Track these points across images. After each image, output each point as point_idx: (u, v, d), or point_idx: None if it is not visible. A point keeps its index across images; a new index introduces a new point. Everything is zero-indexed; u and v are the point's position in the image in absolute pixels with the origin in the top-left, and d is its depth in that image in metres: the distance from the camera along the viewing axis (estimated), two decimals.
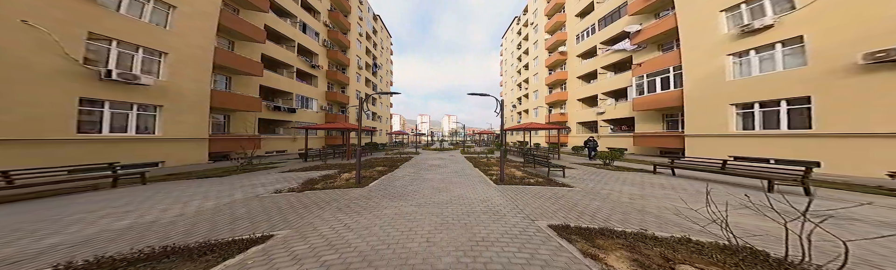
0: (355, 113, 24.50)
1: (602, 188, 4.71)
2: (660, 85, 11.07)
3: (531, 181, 5.54)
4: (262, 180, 5.42)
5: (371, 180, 5.59)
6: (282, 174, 6.23)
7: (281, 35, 14.98)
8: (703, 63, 9.09)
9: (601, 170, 7.10)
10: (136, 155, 6.84)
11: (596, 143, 10.46)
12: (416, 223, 2.75)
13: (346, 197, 3.89)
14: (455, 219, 2.88)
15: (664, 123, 11.76)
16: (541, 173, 6.66)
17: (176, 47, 7.87)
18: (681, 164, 5.99)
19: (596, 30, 17.41)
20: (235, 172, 6.50)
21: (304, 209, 3.20)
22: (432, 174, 6.53)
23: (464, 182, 5.38)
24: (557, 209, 3.31)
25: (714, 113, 8.68)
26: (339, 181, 5.22)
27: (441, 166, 8.46)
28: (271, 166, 8.17)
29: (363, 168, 7.52)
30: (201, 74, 8.75)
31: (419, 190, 4.58)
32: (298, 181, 5.18)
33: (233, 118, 11.02)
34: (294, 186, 4.73)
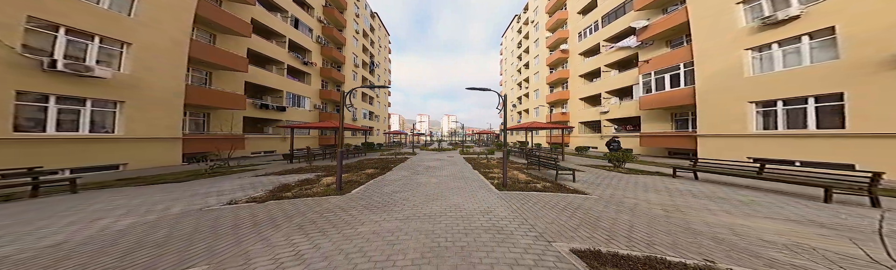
0: (350, 112, 23.75)
1: (623, 195, 4.04)
2: (669, 82, 10.49)
3: (538, 185, 4.87)
4: (226, 186, 4.68)
5: (355, 185, 4.88)
6: (254, 179, 5.48)
7: (270, 30, 14.23)
8: (717, 59, 8.51)
9: (612, 173, 6.45)
10: (89, 157, 6.04)
11: (619, 144, 9.12)
12: (398, 246, 2.06)
13: (317, 209, 3.18)
14: (449, 240, 2.21)
15: (673, 122, 11.18)
16: (547, 176, 5.99)
17: (142, 38, 7.10)
18: (705, 167, 5.35)
19: (599, 27, 16.88)
20: (203, 175, 5.73)
21: (253, 228, 2.48)
22: (427, 178, 5.84)
23: (462, 188, 4.70)
24: (578, 225, 2.63)
25: (730, 111, 8.09)
26: (318, 187, 4.50)
27: (438, 168, 7.78)
28: (249, 168, 7.40)
29: (352, 171, 6.80)
30: (174, 68, 7.97)
31: (409, 198, 3.89)
32: (268, 188, 4.45)
33: (213, 117, 10.23)
34: (259, 194, 4.00)
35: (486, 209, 3.27)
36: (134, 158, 6.88)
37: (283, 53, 15.07)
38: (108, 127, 6.55)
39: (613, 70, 16.08)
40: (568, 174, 5.58)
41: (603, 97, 16.14)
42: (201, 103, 9.11)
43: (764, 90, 7.31)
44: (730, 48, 8.16)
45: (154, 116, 7.35)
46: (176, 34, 8.07)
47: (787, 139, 6.88)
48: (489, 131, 33.14)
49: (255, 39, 12.80)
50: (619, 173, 6.49)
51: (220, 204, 3.38)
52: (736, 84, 7.96)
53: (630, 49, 13.72)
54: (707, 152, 8.76)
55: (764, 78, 7.33)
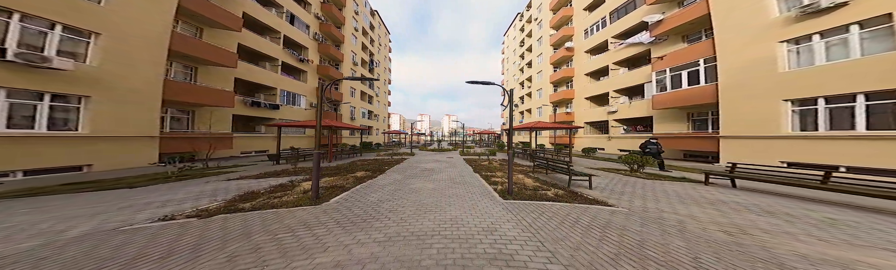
0: (349, 111, 23.17)
1: (657, 208, 3.32)
2: (686, 80, 9.73)
3: (548, 193, 4.18)
4: (182, 193, 3.99)
5: (338, 191, 4.20)
6: (223, 183, 4.80)
7: (264, 25, 13.67)
8: (745, 53, 7.75)
9: (631, 178, 5.72)
10: (46, 158, 5.43)
11: (659, 147, 7.22)
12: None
13: (274, 227, 2.50)
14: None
15: (690, 122, 10.40)
16: (558, 181, 5.28)
17: (113, 28, 6.48)
18: (747, 173, 4.58)
19: (607, 23, 16.15)
20: (169, 179, 5.07)
21: (158, 262, 1.75)
22: (422, 183, 5.17)
23: (461, 195, 4.03)
24: (616, 255, 1.93)
25: (760, 111, 7.33)
26: (291, 195, 3.83)
27: (436, 170, 7.10)
28: (227, 170, 6.75)
29: (339, 174, 6.14)
30: (151, 62, 7.37)
31: (398, 209, 3.21)
32: (229, 196, 3.77)
33: (199, 114, 9.63)
34: (212, 204, 3.30)
35: (491, 225, 2.59)
36: (101, 158, 6.26)
37: (277, 49, 14.51)
38: (70, 125, 5.94)
39: (622, 68, 15.33)
40: (583, 181, 4.85)
41: (611, 96, 15.39)
42: (184, 99, 8.50)
43: (802, 87, 6.54)
44: (760, 41, 7.40)
45: (126, 112, 6.73)
46: (154, 25, 7.47)
47: (829, 142, 6.10)
48: (490, 131, 32.44)
49: (247, 34, 12.24)
50: (638, 178, 5.76)
51: (148, 221, 2.65)
52: (767, 80, 7.20)
53: (642, 45, 12.98)
54: (731, 155, 7.98)
55: (802, 73, 6.56)
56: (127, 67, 6.79)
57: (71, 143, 5.79)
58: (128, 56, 6.80)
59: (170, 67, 8.77)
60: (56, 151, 5.57)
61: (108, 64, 6.39)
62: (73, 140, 5.83)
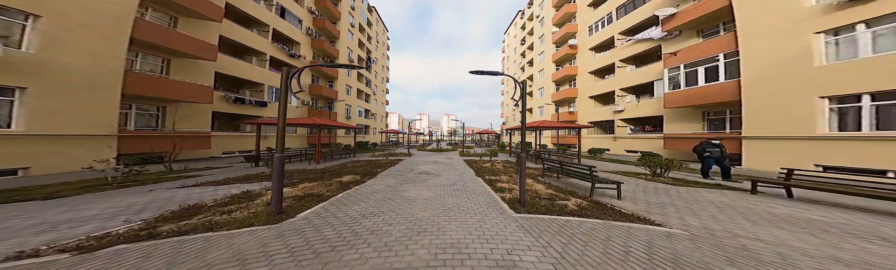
0: (344, 109, 22.28)
1: (725, 230, 2.54)
2: (703, 76, 9.07)
3: (568, 204, 3.45)
4: (102, 207, 3.11)
5: (311, 202, 3.42)
6: (169, 193, 3.94)
7: (250, 17, 12.79)
8: (773, 46, 7.08)
9: (657, 184, 4.99)
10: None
11: (723, 150, 5.67)
12: None
13: (189, 266, 1.69)
14: None
15: (705, 122, 9.75)
16: (574, 188, 4.55)
17: (57, 10, 5.58)
18: (807, 182, 3.80)
19: (613, 19, 15.51)
20: (107, 186, 4.21)
21: None
22: (418, 189, 4.42)
23: (464, 207, 3.30)
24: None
25: (791, 109, 6.66)
26: (248, 209, 3.03)
27: (434, 173, 6.35)
28: (193, 173, 5.90)
29: (324, 178, 5.35)
30: (108, 51, 6.47)
31: (383, 228, 2.48)
32: (161, 211, 2.92)
33: (171, 111, 8.74)
34: (124, 227, 2.43)
35: (507, 256, 1.88)
36: (40, 160, 5.37)
37: (265, 43, 13.62)
38: (1, 121, 5.05)
39: (629, 65, 14.69)
40: (609, 188, 4.10)
41: (617, 95, 14.75)
42: (153, 94, 7.63)
43: (842, 82, 5.87)
44: (792, 33, 6.73)
45: (74, 108, 5.84)
46: (111, 10, 6.57)
47: (874, 143, 5.45)
48: (490, 131, 31.74)
49: (231, 26, 11.35)
50: (665, 184, 5.04)
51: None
52: (800, 76, 6.53)
53: (651, 41, 12.33)
54: (755, 158, 7.33)
55: (843, 67, 5.89)
56: (76, 55, 5.89)
57: (2, 142, 4.90)
58: (77, 44, 5.91)
59: (135, 59, 7.87)
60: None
61: (50, 52, 5.50)
62: (4, 139, 4.94)
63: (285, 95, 2.92)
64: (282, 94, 2.90)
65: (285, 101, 2.92)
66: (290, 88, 2.94)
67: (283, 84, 2.91)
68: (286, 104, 2.93)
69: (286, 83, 2.92)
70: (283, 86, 2.91)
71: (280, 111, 2.89)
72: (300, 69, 3.00)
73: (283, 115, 2.90)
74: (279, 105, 2.90)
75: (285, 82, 2.92)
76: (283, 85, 2.91)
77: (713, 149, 5.72)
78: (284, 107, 2.90)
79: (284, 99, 2.91)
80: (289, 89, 2.93)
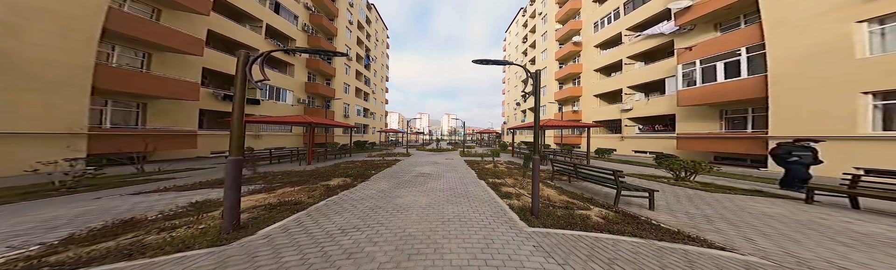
0: (342, 108, 21.76)
1: (821, 257, 1.96)
2: (722, 72, 8.46)
3: (591, 215, 2.90)
4: (22, 220, 2.55)
5: (284, 213, 2.87)
6: (117, 201, 3.35)
7: (242, 12, 12.27)
8: (806, 38, 6.46)
9: (685, 190, 4.40)
10: None
11: (815, 154, 4.43)
12: None
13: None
14: None
15: (723, 121, 9.14)
16: (592, 194, 3.97)
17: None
18: (873, 190, 3.15)
19: (621, 14, 14.91)
20: (53, 192, 3.65)
21: None
22: (413, 195, 3.88)
23: (467, 217, 2.79)
24: None
25: (827, 106, 6.05)
26: (198, 223, 2.46)
27: (433, 176, 5.82)
28: (164, 176, 5.34)
29: (309, 182, 4.80)
30: (75, 42, 5.93)
31: (364, 249, 1.98)
32: (85, 227, 2.33)
33: (152, 108, 8.20)
34: (15, 253, 1.82)
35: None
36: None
37: (258, 39, 13.09)
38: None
39: (638, 62, 14.09)
40: (636, 196, 3.51)
41: (625, 93, 14.15)
42: (130, 89, 7.09)
43: (889, 76, 5.26)
44: (828, 22, 6.11)
45: (30, 103, 5.28)
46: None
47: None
48: (490, 131, 31.17)
49: (221, 20, 10.82)
50: (694, 189, 4.44)
51: None
52: (839, 69, 5.91)
53: (662, 36, 11.73)
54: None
55: (890, 60, 5.28)
56: (34, 46, 5.34)
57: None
58: (36, 32, 5.36)
59: (112, 52, 7.33)
60: None
61: (10, 42, 4.95)
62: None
63: (242, 84, 2.35)
64: (237, 83, 2.34)
65: (242, 91, 2.36)
66: (249, 77, 2.37)
67: (240, 71, 2.34)
68: (243, 95, 2.37)
69: (244, 70, 2.35)
70: (239, 74, 2.34)
71: (235, 104, 2.33)
72: (262, 54, 2.43)
73: (239, 108, 2.33)
74: (234, 97, 2.33)
75: (243, 69, 2.36)
76: (239, 72, 2.34)
77: (803, 152, 4.27)
78: (241, 98, 2.34)
79: (240, 89, 2.35)
80: (247, 78, 2.36)
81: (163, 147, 7.74)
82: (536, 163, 2.98)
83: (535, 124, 3.07)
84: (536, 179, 2.95)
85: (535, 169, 2.96)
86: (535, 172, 2.95)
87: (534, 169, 2.98)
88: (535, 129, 3.06)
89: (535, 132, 3.06)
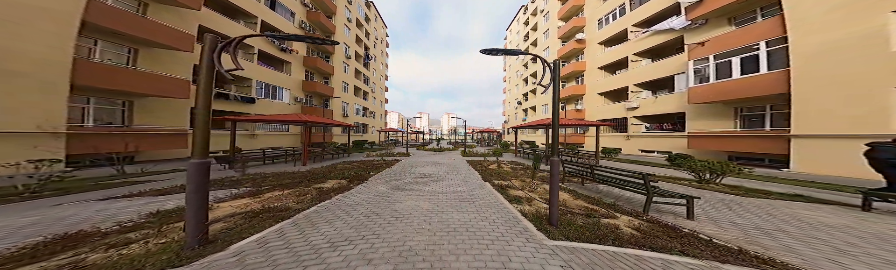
0: (341, 107, 21.35)
1: None
2: (738, 68, 8.06)
3: (619, 225, 2.54)
4: None
5: (266, 222, 2.49)
6: (81, 207, 2.96)
7: (236, 7, 11.86)
8: (832, 30, 6.05)
9: (715, 194, 4.01)
10: None
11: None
12: None
13: None
14: None
15: (738, 119, 8.74)
16: (610, 198, 3.58)
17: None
18: None
19: (626, 10, 14.49)
20: (14, 197, 3.27)
21: None
22: (414, 199, 3.52)
23: (474, 227, 2.44)
24: None
25: (858, 102, 5.66)
26: (159, 237, 2.06)
27: (434, 177, 5.46)
28: (145, 178, 4.95)
29: (302, 184, 4.42)
30: (50, 35, 5.53)
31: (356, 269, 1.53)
32: (26, 242, 1.94)
33: (139, 106, 7.81)
34: None
35: None
36: None
37: None
38: None
39: (645, 59, 13.68)
40: (674, 203, 3.08)
41: (631, 91, 13.75)
42: (115, 87, 6.70)
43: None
44: (859, 13, 5.70)
45: (6, 101, 4.90)
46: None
47: None
48: (491, 130, 30.76)
49: (213, 15, 10.41)
50: (723, 193, 4.04)
51: None
52: (872, 63, 5.50)
53: (672, 32, 11.32)
54: (807, 159, 6.33)
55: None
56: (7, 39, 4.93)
57: None
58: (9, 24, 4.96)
59: (94, 46, 6.93)
60: None
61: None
62: None
63: (208, 74, 1.95)
64: (202, 71, 1.94)
65: (208, 82, 1.96)
66: (217, 65, 1.97)
67: (206, 59, 1.94)
68: (210, 87, 1.97)
69: (210, 58, 1.95)
70: (205, 61, 1.94)
71: (199, 97, 1.94)
72: (233, 40, 2.03)
73: (204, 101, 1.94)
74: (198, 88, 1.94)
75: (210, 57, 1.96)
76: (205, 60, 1.94)
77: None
78: (206, 91, 1.94)
79: (206, 79, 1.95)
80: (215, 65, 1.96)
81: (150, 147, 7.36)
82: (555, 165, 2.59)
83: (554, 121, 2.68)
84: (556, 183, 2.57)
85: (554, 172, 2.58)
86: (553, 175, 2.57)
87: (551, 172, 2.59)
88: (554, 126, 2.67)
89: (554, 130, 2.67)
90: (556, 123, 2.66)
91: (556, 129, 2.68)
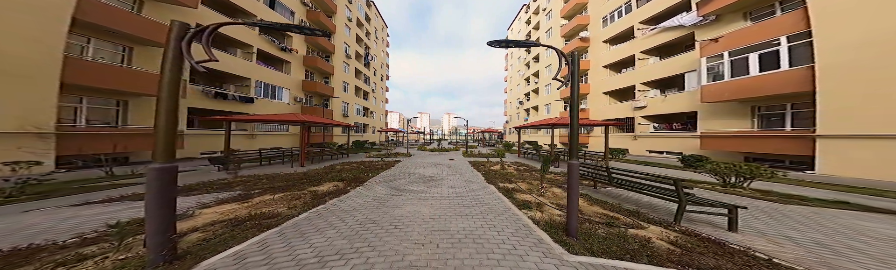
0: (341, 107, 21.14)
1: None
2: (756, 64, 7.67)
3: (650, 236, 2.23)
4: None
5: (249, 231, 2.22)
6: (52, 213, 2.70)
7: (234, 6, 11.69)
8: (864, 21, 5.65)
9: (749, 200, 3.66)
10: None
11: None
12: None
13: None
14: None
15: (755, 119, 8.34)
16: (629, 203, 3.26)
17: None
18: None
19: (633, 7, 14.12)
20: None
21: None
22: (414, 204, 3.25)
23: (481, 238, 2.18)
24: None
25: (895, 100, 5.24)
26: (122, 252, 1.78)
27: (436, 179, 5.19)
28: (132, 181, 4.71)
29: (299, 186, 4.15)
30: (40, 32, 5.33)
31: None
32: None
33: (135, 106, 7.61)
34: None
35: None
36: None
37: (251, 34, 12.52)
38: None
39: (652, 57, 13.29)
40: (714, 213, 2.71)
41: (638, 90, 13.35)
42: (106, 85, 6.49)
43: None
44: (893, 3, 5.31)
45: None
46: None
47: None
48: (492, 130, 30.39)
49: (212, 14, 10.23)
50: (759, 199, 3.68)
51: None
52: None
53: (682, 29, 10.93)
54: (836, 162, 5.93)
55: None
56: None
57: None
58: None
59: (86, 44, 6.74)
60: None
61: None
62: None
63: (174, 63, 1.68)
64: (166, 60, 1.67)
65: (175, 71, 1.69)
66: (186, 55, 1.69)
67: (172, 47, 1.67)
68: (177, 78, 1.70)
69: (178, 46, 1.68)
70: (171, 50, 1.67)
71: (162, 89, 1.66)
72: (205, 28, 1.75)
73: (169, 96, 1.67)
74: (162, 79, 1.67)
75: (177, 45, 1.69)
76: (171, 48, 1.67)
77: None
78: (171, 82, 1.67)
79: (171, 67, 1.68)
80: (184, 55, 1.69)
81: (145, 147, 7.15)
82: (574, 170, 2.28)
83: (573, 119, 2.37)
84: (575, 189, 2.26)
85: (573, 177, 2.27)
86: (572, 181, 2.26)
87: (569, 177, 2.29)
88: (573, 125, 2.36)
89: (574, 130, 2.36)
90: (576, 121, 2.35)
91: (576, 128, 2.37)
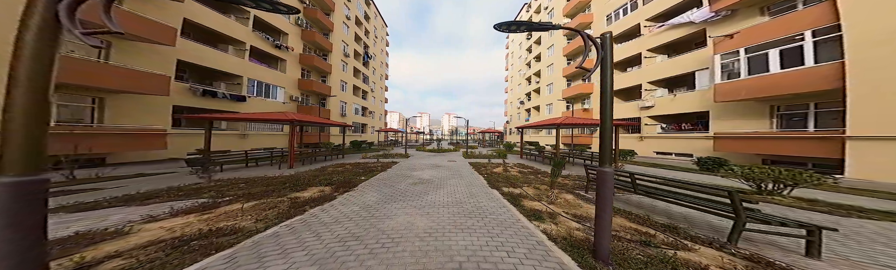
0: (339, 106, 20.62)
1: None
2: (776, 61, 7.21)
3: (707, 264, 1.68)
4: None
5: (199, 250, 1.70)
6: None
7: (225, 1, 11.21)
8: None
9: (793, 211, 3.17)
10: None
11: None
12: None
13: None
14: None
15: (775, 118, 7.86)
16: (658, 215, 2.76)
17: None
18: None
19: (639, 4, 13.70)
20: None
21: None
22: (408, 214, 2.79)
23: (489, 260, 1.74)
24: None
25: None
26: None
27: (434, 183, 4.73)
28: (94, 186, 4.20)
29: (279, 191, 3.65)
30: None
31: None
32: None
33: (112, 104, 7.12)
34: None
35: None
36: None
37: (244, 30, 12.04)
38: None
39: (660, 55, 12.85)
40: (754, 231, 2.22)
41: (644, 89, 12.90)
42: (83, 82, 6.00)
43: None
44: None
45: None
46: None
47: None
48: (493, 130, 29.92)
49: (199, 8, 9.76)
50: (810, 211, 3.20)
51: None
52: None
53: (692, 26, 10.50)
54: (869, 165, 5.44)
55: None
56: None
57: None
58: None
59: None
60: None
61: None
62: None
63: (47, 29, 1.17)
64: (30, 24, 1.16)
65: (42, 42, 1.17)
66: (66, 21, 1.17)
67: (42, 4, 1.16)
68: (53, 62, 1.18)
69: (53, 9, 1.17)
70: (35, 15, 1.16)
71: (15, 67, 1.15)
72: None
73: (32, 74, 1.16)
74: (14, 52, 1.16)
75: (48, 5, 1.17)
76: (38, 5, 1.17)
77: None
78: (38, 57, 1.15)
79: (37, 37, 1.16)
80: (59, 19, 1.17)
81: (120, 148, 6.66)
82: (607, 180, 1.79)
83: (604, 116, 1.89)
84: (609, 204, 1.78)
85: (608, 188, 1.78)
86: (604, 193, 1.77)
87: (599, 189, 1.80)
88: (605, 123, 1.88)
89: (605, 130, 1.88)
90: (610, 119, 1.88)
91: (609, 127, 1.89)
